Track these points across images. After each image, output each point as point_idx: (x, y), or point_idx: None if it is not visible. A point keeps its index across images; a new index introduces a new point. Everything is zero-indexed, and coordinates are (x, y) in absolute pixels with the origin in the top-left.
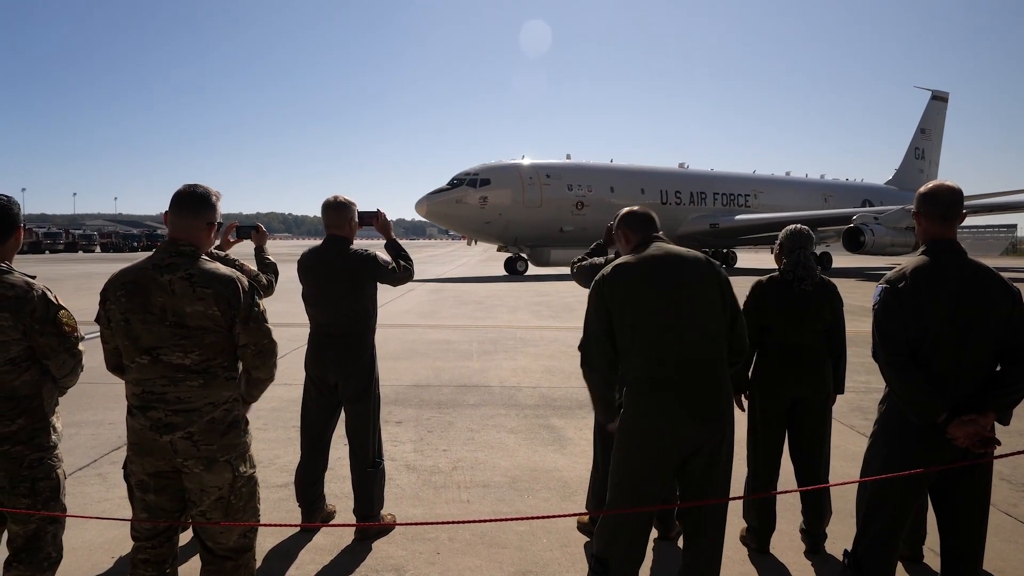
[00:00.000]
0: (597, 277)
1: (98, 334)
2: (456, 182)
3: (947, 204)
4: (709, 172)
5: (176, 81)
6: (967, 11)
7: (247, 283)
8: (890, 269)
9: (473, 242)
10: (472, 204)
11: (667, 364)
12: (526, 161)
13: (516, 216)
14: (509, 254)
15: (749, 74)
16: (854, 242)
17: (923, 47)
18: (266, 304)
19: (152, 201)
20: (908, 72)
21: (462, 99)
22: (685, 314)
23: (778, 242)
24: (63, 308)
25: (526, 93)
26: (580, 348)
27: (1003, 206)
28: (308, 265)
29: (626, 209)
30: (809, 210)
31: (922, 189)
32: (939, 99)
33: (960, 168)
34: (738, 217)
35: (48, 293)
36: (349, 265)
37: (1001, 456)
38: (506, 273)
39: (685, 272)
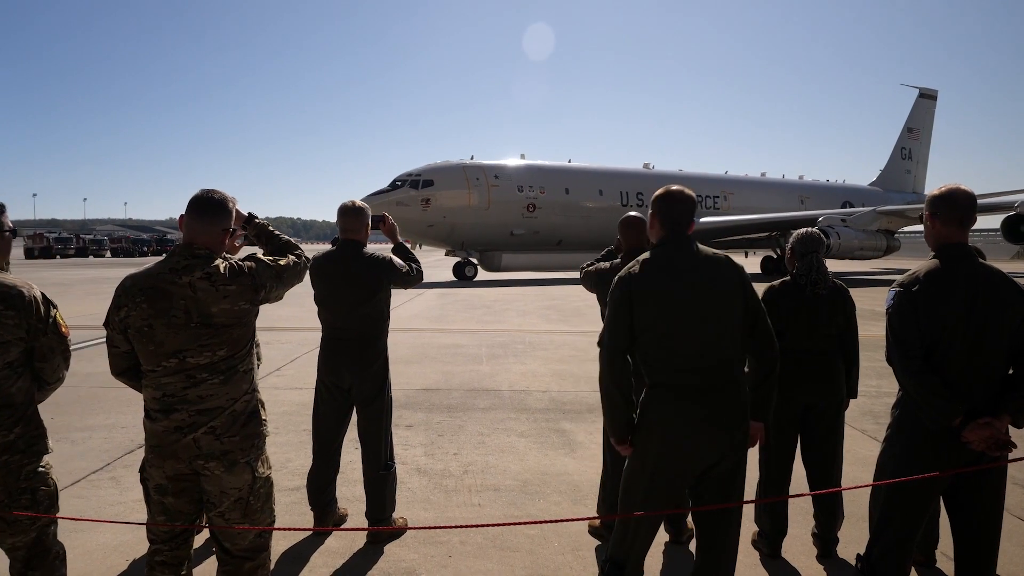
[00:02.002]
0: (623, 273)
1: (102, 339)
2: (398, 183)
3: (966, 208)
4: (675, 172)
5: (185, 86)
6: (958, 4)
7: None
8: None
9: (418, 246)
10: (414, 206)
11: (691, 371)
12: (473, 161)
13: (462, 219)
14: (457, 259)
15: (727, 73)
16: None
17: (911, 43)
18: (275, 308)
19: (162, 206)
20: (895, 69)
21: (465, 103)
22: (711, 319)
23: (789, 246)
24: (56, 307)
25: (523, 97)
26: (603, 348)
27: (1006, 206)
28: (323, 269)
29: (662, 190)
30: (785, 212)
31: (937, 191)
32: (927, 97)
33: (950, 168)
34: (702, 220)
35: (43, 293)
36: (365, 269)
37: (1016, 460)
38: (455, 278)
39: (711, 274)
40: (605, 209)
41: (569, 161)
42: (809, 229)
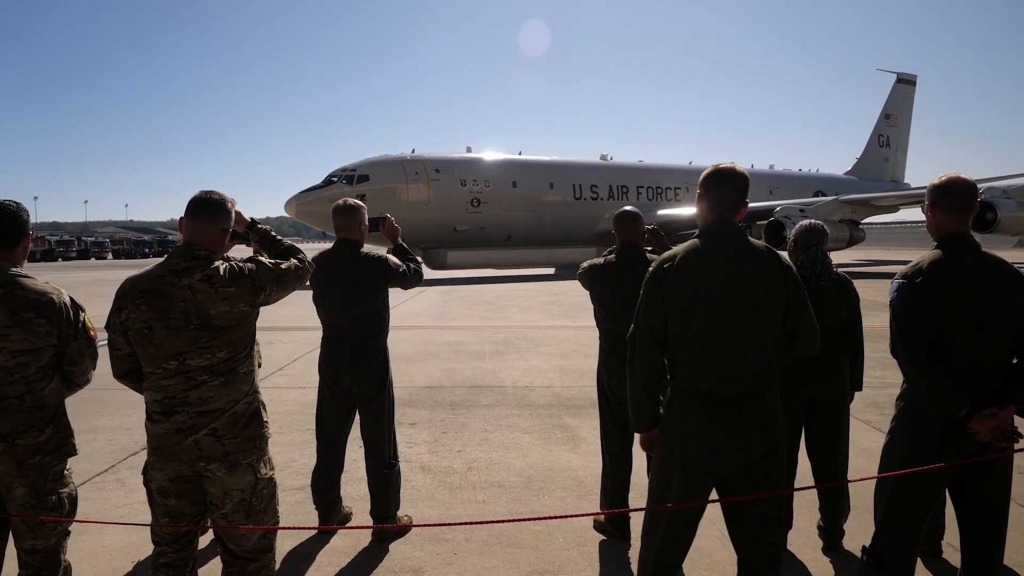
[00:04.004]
0: (660, 262)
1: (104, 341)
2: (333, 179)
3: (966, 196)
4: (634, 164)
5: (185, 87)
6: None
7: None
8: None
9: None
10: None
11: (724, 378)
12: (413, 155)
13: (400, 215)
14: None
15: (699, 61)
16: (777, 238)
17: (888, 26)
18: (278, 308)
19: (163, 208)
20: (872, 54)
21: (465, 100)
22: (751, 321)
23: (792, 238)
24: (84, 310)
25: (525, 93)
26: (629, 339)
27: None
28: (319, 268)
29: (710, 169)
30: (752, 203)
31: (936, 181)
32: (905, 82)
33: (933, 156)
34: (660, 212)
35: (72, 297)
36: (360, 268)
37: (1022, 450)
38: None
39: (756, 270)
40: (556, 203)
41: (519, 154)
42: (812, 221)
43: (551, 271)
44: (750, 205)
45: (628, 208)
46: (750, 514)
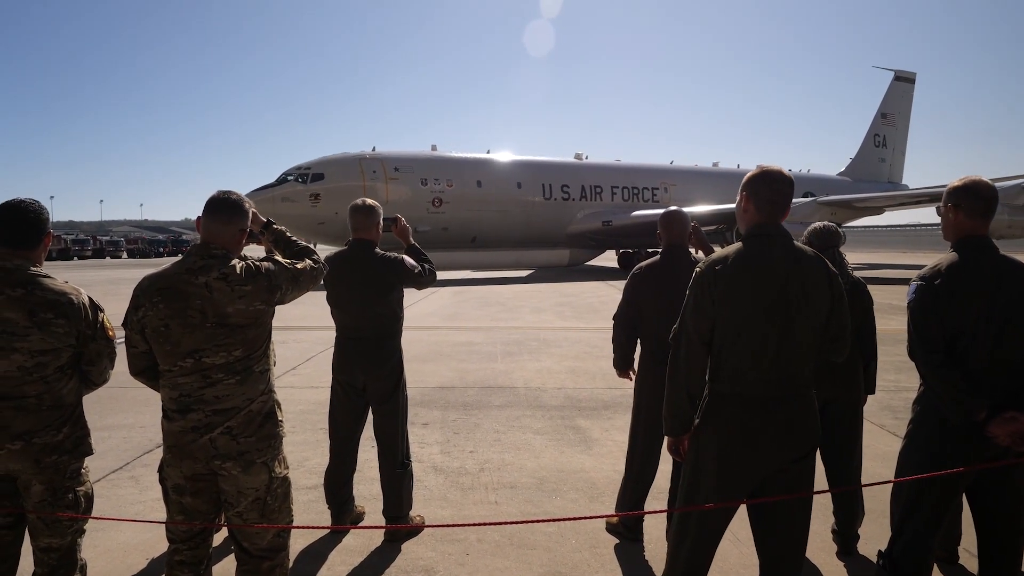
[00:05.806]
0: (710, 264)
1: (121, 339)
2: (288, 177)
3: (989, 199)
4: (609, 163)
5: (201, 90)
6: None
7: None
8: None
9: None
10: (302, 202)
11: (764, 381)
12: (372, 153)
13: None
14: None
15: (686, 61)
16: None
17: (886, 21)
18: (291, 308)
19: (177, 207)
20: (869, 50)
21: (471, 103)
22: (796, 325)
23: (805, 239)
24: (103, 310)
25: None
26: (672, 340)
27: None
28: (334, 268)
29: (757, 171)
30: (734, 204)
31: (959, 183)
32: (904, 80)
33: (931, 157)
34: (635, 213)
35: (90, 297)
36: (376, 269)
37: None
38: None
39: (802, 274)
40: (524, 204)
41: (488, 152)
42: (826, 223)
43: (524, 273)
44: (727, 207)
45: (674, 208)
46: (782, 515)
